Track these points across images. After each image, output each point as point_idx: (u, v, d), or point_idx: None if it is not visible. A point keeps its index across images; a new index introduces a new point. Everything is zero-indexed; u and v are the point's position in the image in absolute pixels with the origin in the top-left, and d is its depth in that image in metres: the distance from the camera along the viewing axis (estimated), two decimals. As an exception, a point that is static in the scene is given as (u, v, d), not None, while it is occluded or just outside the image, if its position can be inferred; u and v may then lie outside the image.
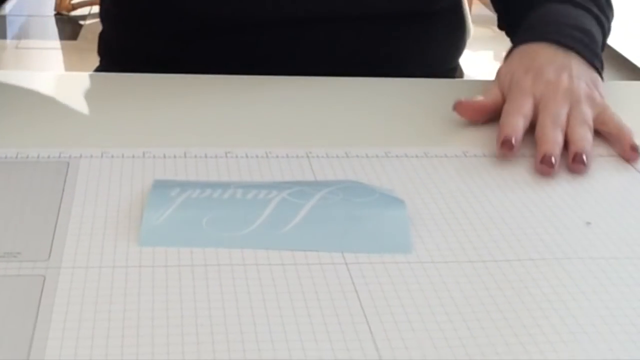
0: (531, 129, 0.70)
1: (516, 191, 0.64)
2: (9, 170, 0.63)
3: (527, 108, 0.71)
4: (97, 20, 0.75)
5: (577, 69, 0.75)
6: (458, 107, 0.73)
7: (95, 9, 3.55)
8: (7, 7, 2.87)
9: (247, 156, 0.67)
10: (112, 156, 0.65)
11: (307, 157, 0.67)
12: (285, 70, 0.82)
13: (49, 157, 0.64)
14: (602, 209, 0.62)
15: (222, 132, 0.70)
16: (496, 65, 0.80)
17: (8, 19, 3.40)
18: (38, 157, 0.65)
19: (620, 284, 0.54)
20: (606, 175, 0.68)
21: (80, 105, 0.75)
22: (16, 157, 0.64)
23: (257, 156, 0.67)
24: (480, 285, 0.53)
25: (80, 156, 0.65)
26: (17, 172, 0.62)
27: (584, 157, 0.67)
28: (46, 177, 0.62)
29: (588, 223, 0.60)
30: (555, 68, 0.74)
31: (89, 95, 0.78)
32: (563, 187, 0.65)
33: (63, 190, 0.60)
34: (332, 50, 0.86)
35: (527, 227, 0.59)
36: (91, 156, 0.65)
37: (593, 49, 0.79)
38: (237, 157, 0.66)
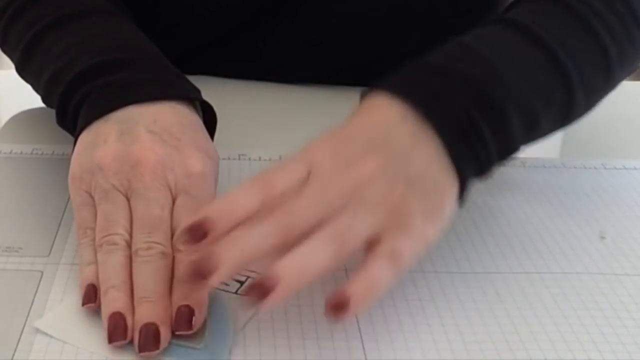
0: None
1: (532, 203, 0.62)
2: (22, 166, 0.63)
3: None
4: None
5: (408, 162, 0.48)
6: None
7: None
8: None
9: (260, 159, 0.66)
10: (126, 155, 0.65)
11: (321, 161, 0.66)
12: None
13: (62, 154, 0.65)
14: (619, 222, 0.60)
15: (236, 135, 0.70)
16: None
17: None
18: (52, 153, 0.65)
19: (628, 301, 0.52)
20: (627, 187, 0.65)
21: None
22: (31, 153, 0.65)
23: (270, 159, 0.66)
24: (481, 297, 0.51)
25: (94, 154, 0.65)
26: (30, 168, 0.63)
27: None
28: (57, 174, 0.62)
29: (602, 237, 0.58)
30: (367, 142, 0.49)
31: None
32: (580, 199, 0.63)
33: (72, 187, 0.61)
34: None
35: (538, 240, 0.57)
36: (105, 154, 0.65)
37: (481, 135, 0.50)
38: (250, 159, 0.66)
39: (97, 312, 0.47)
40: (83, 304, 0.48)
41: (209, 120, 0.59)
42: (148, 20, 0.71)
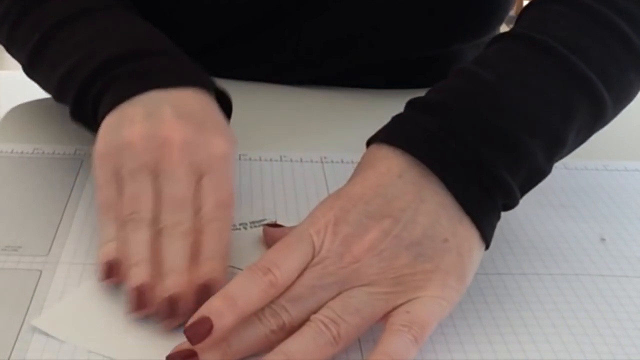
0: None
1: (532, 204, 0.62)
2: (24, 166, 0.63)
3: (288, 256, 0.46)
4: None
5: (411, 221, 0.47)
6: None
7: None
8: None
9: (260, 159, 0.66)
10: (126, 155, 0.65)
11: (322, 162, 0.67)
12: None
13: (64, 153, 0.65)
14: (619, 224, 0.60)
15: (237, 135, 0.70)
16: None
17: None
18: (53, 153, 0.65)
19: (627, 303, 0.52)
20: (628, 189, 0.65)
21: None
22: (32, 153, 0.65)
23: (271, 159, 0.66)
24: (479, 298, 0.51)
25: (95, 154, 0.65)
26: (31, 167, 0.63)
27: None
28: (58, 173, 0.62)
29: (602, 239, 0.58)
30: (374, 209, 0.47)
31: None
32: (581, 200, 0.63)
33: (72, 187, 0.61)
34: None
35: (538, 241, 0.57)
36: (105, 154, 0.65)
37: (498, 178, 0.49)
38: (250, 159, 0.66)
39: (95, 310, 0.48)
40: (102, 279, 0.49)
41: (225, 106, 0.60)
42: (155, 19, 0.71)
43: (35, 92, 0.67)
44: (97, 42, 0.61)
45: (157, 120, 0.53)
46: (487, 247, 0.49)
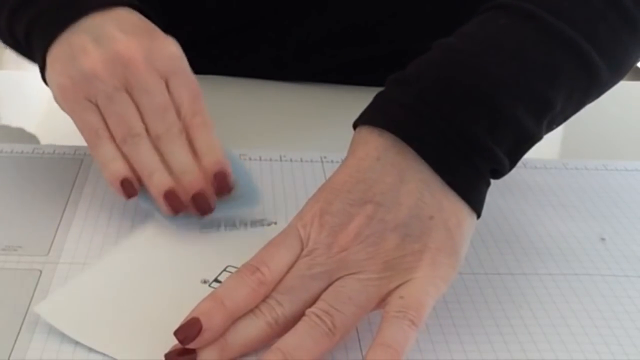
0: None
1: (532, 204, 0.62)
2: (23, 166, 0.63)
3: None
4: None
5: (399, 206, 0.47)
6: None
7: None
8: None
9: (260, 159, 0.66)
10: (126, 155, 0.65)
11: (322, 161, 0.66)
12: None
13: (64, 153, 0.65)
14: (619, 224, 0.60)
15: (236, 134, 0.70)
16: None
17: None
18: (53, 152, 0.65)
19: (627, 302, 0.52)
20: (628, 189, 0.65)
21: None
22: (32, 153, 0.65)
23: (270, 159, 0.66)
24: (479, 298, 0.51)
25: (95, 154, 0.65)
26: (31, 167, 0.63)
27: None
28: (58, 173, 0.62)
29: (602, 239, 0.58)
30: (357, 197, 0.47)
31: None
32: (581, 200, 0.63)
33: (72, 187, 0.61)
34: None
35: (538, 241, 0.57)
36: (105, 154, 0.65)
37: (487, 149, 0.48)
38: (250, 159, 0.66)
39: (97, 303, 0.48)
40: (128, 197, 0.53)
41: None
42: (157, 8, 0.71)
43: (35, 92, 0.67)
44: None
45: (109, 43, 0.55)
46: (478, 216, 0.48)
